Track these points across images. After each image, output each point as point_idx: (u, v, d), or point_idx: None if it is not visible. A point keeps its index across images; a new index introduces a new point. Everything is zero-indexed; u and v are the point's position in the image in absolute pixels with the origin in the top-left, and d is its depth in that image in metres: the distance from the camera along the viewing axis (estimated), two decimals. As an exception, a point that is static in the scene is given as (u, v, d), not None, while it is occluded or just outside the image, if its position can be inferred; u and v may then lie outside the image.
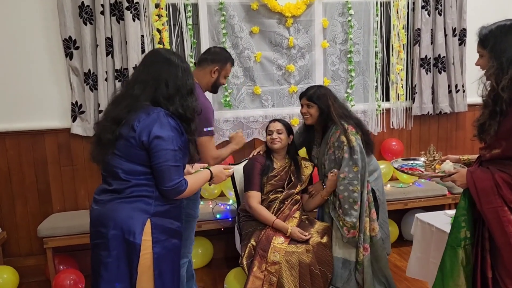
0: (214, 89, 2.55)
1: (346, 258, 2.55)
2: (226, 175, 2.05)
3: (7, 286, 3.04)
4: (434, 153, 2.07)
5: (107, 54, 3.13)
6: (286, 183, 2.73)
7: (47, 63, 3.17)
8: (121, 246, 1.70)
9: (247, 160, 2.87)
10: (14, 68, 3.13)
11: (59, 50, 3.14)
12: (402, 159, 2.36)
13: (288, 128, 2.81)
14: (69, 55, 3.12)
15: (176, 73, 1.75)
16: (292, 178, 2.75)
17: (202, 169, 2.08)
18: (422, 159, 2.17)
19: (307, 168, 2.82)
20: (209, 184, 2.01)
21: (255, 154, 2.84)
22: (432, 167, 2.06)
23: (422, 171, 2.10)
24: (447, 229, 2.27)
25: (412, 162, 2.27)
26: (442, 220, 2.44)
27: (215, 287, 3.11)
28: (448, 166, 1.98)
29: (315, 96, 2.64)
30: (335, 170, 2.56)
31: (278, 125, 2.77)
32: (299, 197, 2.77)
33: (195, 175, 1.94)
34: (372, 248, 2.53)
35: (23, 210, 3.28)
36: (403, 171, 2.14)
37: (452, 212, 2.52)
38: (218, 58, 2.45)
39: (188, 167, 2.01)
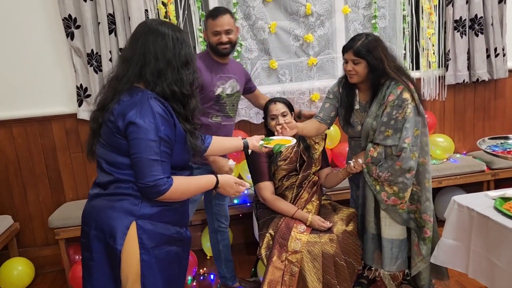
0: (214, 51, 2.36)
1: (398, 238, 2.28)
2: (236, 191, 1.71)
3: (23, 278, 2.98)
4: None
5: (110, 32, 2.92)
6: (298, 164, 2.47)
7: (48, 45, 2.99)
8: (103, 248, 1.51)
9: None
10: (15, 53, 2.97)
11: (60, 30, 2.95)
12: (489, 138, 2.03)
13: (290, 106, 2.49)
14: (70, 35, 2.92)
15: (165, 44, 1.50)
16: (304, 158, 2.47)
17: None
18: None
19: (318, 144, 2.53)
20: (213, 193, 1.74)
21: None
22: None
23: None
24: (491, 214, 2.00)
25: (502, 142, 1.93)
26: (484, 203, 2.14)
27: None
28: None
29: (363, 50, 2.16)
30: (360, 161, 2.26)
31: (281, 107, 2.41)
32: (317, 178, 2.52)
33: (194, 177, 1.65)
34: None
35: (35, 200, 3.19)
36: (496, 155, 1.82)
37: (494, 193, 2.24)
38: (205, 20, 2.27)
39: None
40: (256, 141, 1.95)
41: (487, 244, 2.01)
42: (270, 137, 2.15)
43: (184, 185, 1.56)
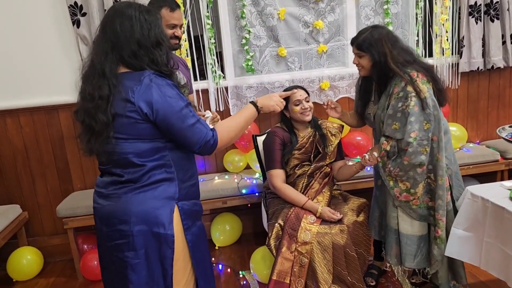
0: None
1: (415, 234, 2.21)
2: (277, 99, 1.77)
3: (31, 267, 2.99)
4: None
5: (116, 20, 2.87)
6: (312, 155, 2.43)
7: (54, 33, 2.96)
8: (149, 242, 1.48)
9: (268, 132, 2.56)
10: (21, 42, 2.94)
11: (66, 18, 2.91)
12: (510, 126, 1.98)
13: (307, 93, 2.48)
14: (76, 23, 2.88)
15: (131, 26, 1.45)
16: (319, 149, 2.43)
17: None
18: None
19: (335, 136, 2.48)
20: (258, 111, 1.71)
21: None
22: None
23: None
24: (507, 204, 1.94)
25: None
26: (499, 193, 2.08)
27: (243, 265, 2.92)
28: None
29: (365, 44, 2.14)
30: (375, 154, 2.17)
31: (304, 93, 2.41)
32: (329, 169, 2.47)
33: (234, 116, 1.66)
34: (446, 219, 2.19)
35: (44, 189, 3.18)
36: None
37: (510, 183, 2.17)
38: (152, 7, 2.04)
39: None
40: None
41: (502, 235, 1.95)
42: None
43: (228, 126, 1.60)
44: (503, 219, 1.94)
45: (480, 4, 3.23)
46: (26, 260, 2.97)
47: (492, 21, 3.25)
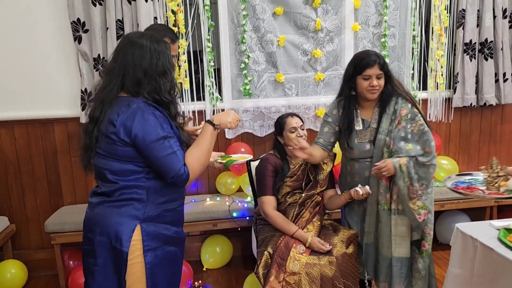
0: None
1: (407, 257, 2.25)
2: (233, 116, 1.76)
3: (15, 281, 2.94)
4: (497, 168, 1.71)
5: (118, 38, 2.90)
6: (304, 183, 2.44)
7: (55, 47, 2.98)
8: (108, 253, 1.57)
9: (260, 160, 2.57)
10: (21, 54, 2.96)
11: (68, 33, 2.94)
12: (457, 175, 2.02)
13: (302, 120, 2.51)
14: (78, 39, 2.91)
15: (141, 55, 1.57)
16: (311, 178, 2.44)
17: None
18: (482, 175, 1.80)
19: (326, 165, 2.50)
20: (215, 129, 1.69)
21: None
22: (496, 185, 1.72)
23: (483, 190, 1.76)
24: (494, 245, 1.97)
25: (469, 178, 1.92)
26: (488, 233, 2.11)
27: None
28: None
29: (385, 64, 2.20)
30: (367, 188, 2.21)
31: (299, 121, 2.45)
32: (320, 198, 2.49)
33: (195, 143, 1.67)
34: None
35: (33, 202, 3.16)
36: (459, 192, 1.81)
37: (498, 223, 2.20)
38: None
39: None
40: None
41: (490, 275, 1.97)
42: (230, 155, 2.18)
43: (196, 158, 1.62)
44: (491, 259, 1.96)
45: (475, 43, 3.31)
46: (10, 274, 2.93)
47: (486, 59, 3.33)
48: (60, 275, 2.91)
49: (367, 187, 2.20)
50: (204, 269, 3.15)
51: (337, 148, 3.22)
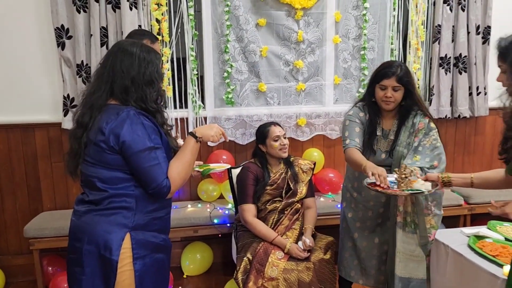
0: None
1: (413, 277, 2.23)
2: (215, 130, 1.75)
3: (-8, 287, 2.91)
4: (404, 171, 1.91)
5: (102, 45, 2.92)
6: (284, 191, 2.51)
7: (38, 53, 2.98)
8: (95, 262, 1.56)
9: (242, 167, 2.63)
10: (2, 58, 2.95)
11: (51, 39, 2.95)
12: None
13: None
14: (61, 45, 2.92)
15: (130, 63, 1.58)
16: (291, 186, 2.52)
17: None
18: (395, 175, 1.95)
19: (306, 174, 2.58)
20: (197, 141, 1.70)
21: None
22: (402, 185, 1.91)
23: (388, 188, 1.92)
24: (464, 251, 2.06)
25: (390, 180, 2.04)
26: (459, 240, 2.20)
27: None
28: (418, 185, 1.90)
29: (405, 78, 2.15)
30: (308, 241, 2.34)
31: (282, 130, 2.53)
32: (299, 206, 2.55)
33: (177, 155, 1.67)
34: None
35: (12, 207, 3.13)
36: (375, 190, 1.94)
37: (469, 230, 2.29)
38: (132, 38, 2.20)
39: None
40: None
41: (461, 282, 2.06)
42: (208, 164, 2.17)
43: (178, 172, 1.61)
44: (462, 265, 2.05)
45: (450, 57, 3.44)
46: (-14, 280, 2.89)
47: (460, 73, 3.46)
48: (39, 281, 2.88)
49: (307, 240, 2.35)
50: (185, 276, 3.17)
51: (316, 157, 3.32)
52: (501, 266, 1.85)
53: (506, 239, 2.13)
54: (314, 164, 2.65)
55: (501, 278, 1.78)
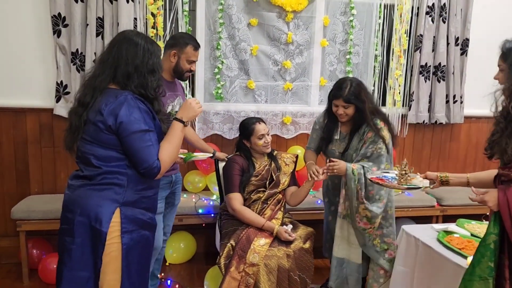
0: (178, 75, 2.46)
1: (345, 258, 2.55)
2: (196, 105, 1.86)
3: (-24, 267, 2.94)
4: (405, 168, 2.07)
5: (97, 35, 3.00)
6: (268, 182, 2.64)
7: (33, 39, 3.04)
8: (86, 233, 1.67)
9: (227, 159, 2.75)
10: (-1, 42, 3.00)
11: (47, 26, 3.01)
12: (382, 171, 2.37)
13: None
14: (57, 33, 2.99)
15: (135, 52, 1.72)
16: (274, 177, 2.66)
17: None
18: (396, 171, 2.14)
19: (288, 166, 2.74)
20: (185, 125, 1.84)
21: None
22: (402, 180, 2.07)
23: (389, 181, 2.12)
24: (433, 244, 2.21)
25: (385, 173, 2.27)
26: (430, 234, 2.36)
27: (192, 283, 3.03)
28: (416, 181, 2.04)
29: (352, 97, 2.43)
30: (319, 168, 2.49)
31: (266, 127, 2.67)
32: (281, 196, 2.68)
33: (165, 139, 1.79)
34: None
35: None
36: (375, 182, 2.16)
37: (439, 226, 2.46)
38: (177, 42, 2.41)
39: None
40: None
41: (429, 272, 2.21)
42: (192, 153, 2.41)
43: (168, 153, 1.74)
44: (431, 257, 2.21)
45: (430, 66, 3.62)
46: (-30, 260, 2.93)
47: (439, 81, 3.65)
48: (23, 263, 2.93)
49: (317, 167, 2.50)
50: (167, 263, 3.26)
51: (299, 154, 3.45)
52: (465, 257, 2.01)
53: (472, 235, 2.30)
54: (297, 157, 2.79)
55: (465, 268, 1.94)
